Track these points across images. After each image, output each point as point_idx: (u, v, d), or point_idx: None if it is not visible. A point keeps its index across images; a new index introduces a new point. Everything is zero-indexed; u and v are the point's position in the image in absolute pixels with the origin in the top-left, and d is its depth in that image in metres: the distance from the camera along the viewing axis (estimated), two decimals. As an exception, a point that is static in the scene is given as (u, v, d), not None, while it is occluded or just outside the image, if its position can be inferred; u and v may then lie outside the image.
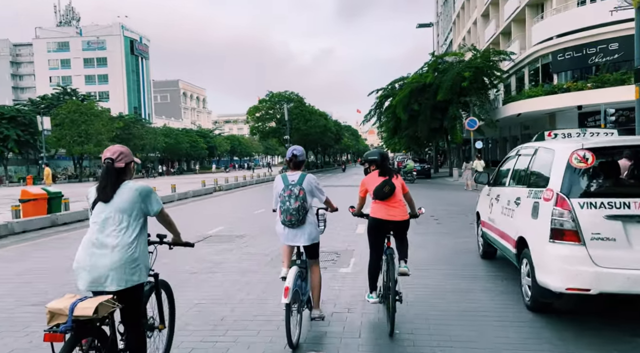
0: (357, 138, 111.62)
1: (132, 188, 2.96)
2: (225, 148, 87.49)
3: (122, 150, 3.04)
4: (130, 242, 2.88)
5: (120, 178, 2.98)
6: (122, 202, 2.91)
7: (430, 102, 30.37)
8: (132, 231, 2.90)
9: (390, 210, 4.56)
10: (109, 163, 2.95)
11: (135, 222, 2.94)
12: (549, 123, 29.08)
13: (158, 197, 3.12)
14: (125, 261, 2.83)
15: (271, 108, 47.80)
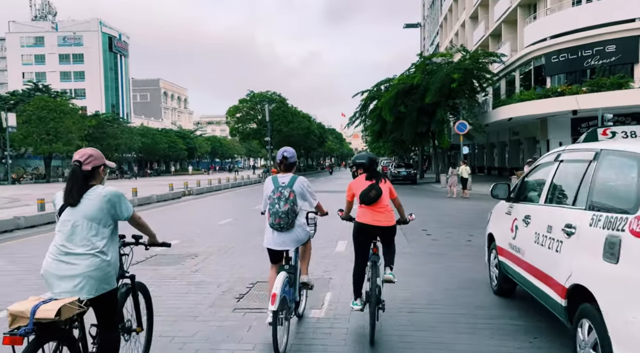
0: (341, 141, 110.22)
1: (101, 195, 2.88)
2: (206, 149, 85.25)
3: (91, 153, 2.97)
4: (100, 249, 2.83)
5: (88, 182, 2.91)
6: (90, 209, 2.84)
7: (417, 104, 28.96)
8: (101, 238, 2.86)
9: (376, 215, 4.42)
10: (76, 166, 2.90)
11: (105, 229, 2.89)
12: (540, 129, 27.88)
13: (128, 202, 3.02)
14: (95, 269, 2.79)
15: (252, 108, 45.93)
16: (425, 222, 11.80)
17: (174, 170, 73.82)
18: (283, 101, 46.55)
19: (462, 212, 14.26)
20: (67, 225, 2.81)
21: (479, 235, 9.51)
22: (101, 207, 2.84)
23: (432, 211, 14.42)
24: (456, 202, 18.05)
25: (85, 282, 2.73)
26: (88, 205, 2.83)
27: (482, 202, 17.18)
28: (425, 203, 17.57)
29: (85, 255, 2.76)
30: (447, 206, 16.22)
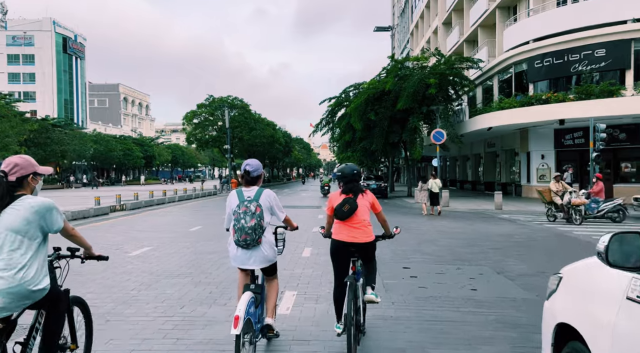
0: (309, 152, 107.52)
1: (29, 206, 2.72)
2: (166, 158, 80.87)
3: (17, 162, 2.82)
4: (24, 264, 2.67)
5: (13, 193, 2.76)
6: (14, 221, 2.68)
7: (388, 112, 26.52)
8: (25, 251, 2.69)
9: (351, 231, 4.11)
10: (0, 176, 2.77)
11: (31, 242, 2.72)
12: (520, 140, 25.83)
13: (59, 213, 2.88)
14: (17, 285, 2.62)
15: (212, 114, 42.58)
16: (405, 252, 9.05)
17: (125, 179, 68.94)
18: (245, 107, 43.41)
19: (444, 236, 11.63)
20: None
21: (482, 280, 6.81)
22: (28, 219, 2.70)
23: (409, 235, 11.71)
24: (432, 221, 15.46)
25: (5, 300, 2.60)
26: (13, 216, 2.68)
27: (462, 222, 14.63)
28: (400, 222, 14.85)
29: (5, 270, 2.62)
30: (425, 227, 13.57)
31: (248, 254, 3.85)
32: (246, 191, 3.97)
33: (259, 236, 3.80)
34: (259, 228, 3.80)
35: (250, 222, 3.77)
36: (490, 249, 9.63)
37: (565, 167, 22.35)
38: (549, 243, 10.53)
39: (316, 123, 31.00)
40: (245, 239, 3.77)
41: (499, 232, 12.44)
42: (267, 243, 3.91)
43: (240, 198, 3.91)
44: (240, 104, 43.25)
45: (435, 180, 19.14)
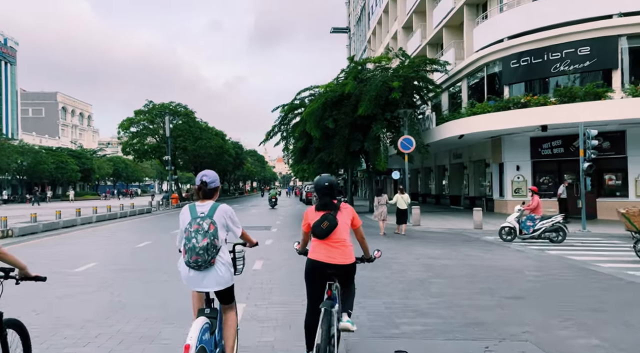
0: (263, 164, 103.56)
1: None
2: (107, 171, 74.78)
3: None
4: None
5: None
6: None
7: (348, 118, 23.57)
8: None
9: (330, 251, 3.73)
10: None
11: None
12: (492, 150, 23.46)
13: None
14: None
15: (151, 122, 38.25)
16: (391, 312, 5.85)
17: (51, 196, 62.34)
18: (190, 114, 39.37)
19: (433, 273, 8.59)
20: None
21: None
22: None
23: (387, 271, 8.55)
24: (406, 246, 12.43)
25: None
26: None
27: (444, 248, 11.65)
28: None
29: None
30: (402, 257, 10.47)
31: (201, 275, 3.46)
32: (200, 206, 3.58)
33: (212, 257, 3.43)
34: (212, 248, 3.42)
35: (202, 242, 3.38)
36: (508, 299, 6.59)
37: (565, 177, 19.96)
38: (580, 285, 7.60)
39: (267, 131, 27.62)
40: (197, 260, 3.39)
41: (500, 264, 9.48)
42: (221, 264, 3.51)
43: (192, 215, 3.51)
44: (183, 111, 39.17)
45: (403, 195, 16.29)
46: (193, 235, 3.40)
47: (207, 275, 3.45)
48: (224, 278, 3.50)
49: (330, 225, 3.71)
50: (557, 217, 12.64)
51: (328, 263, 3.70)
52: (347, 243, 3.79)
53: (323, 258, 3.72)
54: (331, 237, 3.73)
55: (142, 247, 12.55)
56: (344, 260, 3.73)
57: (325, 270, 3.72)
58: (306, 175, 60.08)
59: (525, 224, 12.75)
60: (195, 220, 3.45)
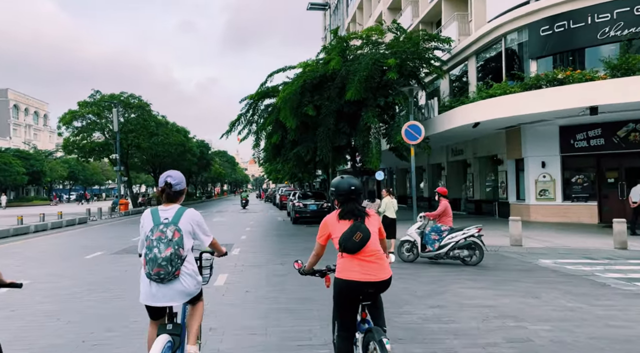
0: (233, 166, 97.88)
1: None
2: (61, 174, 68.08)
3: None
4: None
5: None
6: None
7: (333, 104, 18.99)
8: None
9: (367, 267, 3.16)
10: None
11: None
12: (507, 143, 19.25)
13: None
14: None
15: (98, 114, 32.73)
16: None
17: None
18: (144, 106, 33.96)
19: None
20: None
21: None
22: None
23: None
24: (407, 271, 7.97)
25: None
26: None
27: (485, 284, 7.12)
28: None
29: None
30: (421, 301, 5.91)
31: (163, 289, 3.10)
32: (163, 211, 3.22)
33: (176, 268, 3.07)
34: (177, 258, 3.07)
35: (165, 252, 3.03)
36: None
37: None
38: None
39: (231, 121, 22.65)
40: (159, 273, 3.03)
41: (624, 333, 5.01)
42: (186, 275, 3.17)
43: (155, 220, 3.16)
44: (137, 103, 33.75)
45: (392, 199, 11.89)
46: (155, 245, 3.05)
47: (170, 288, 3.10)
48: (188, 290, 3.17)
49: (365, 237, 3.16)
50: (472, 228, 9.46)
51: (367, 282, 3.14)
52: (382, 255, 3.27)
53: (359, 276, 3.13)
54: (364, 250, 3.17)
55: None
56: (383, 274, 3.20)
57: (364, 290, 3.16)
58: (280, 176, 55.14)
59: (429, 238, 9.79)
60: (157, 227, 3.11)
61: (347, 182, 3.33)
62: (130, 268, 9.24)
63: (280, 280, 8.16)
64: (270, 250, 12.17)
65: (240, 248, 12.38)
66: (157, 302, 3.13)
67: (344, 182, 3.34)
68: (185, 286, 3.13)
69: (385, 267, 3.24)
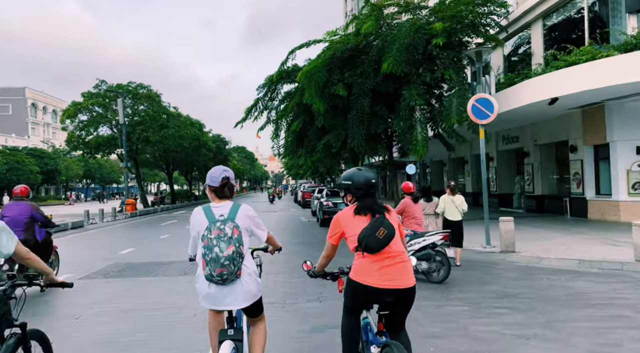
0: (252, 162, 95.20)
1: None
2: (76, 172, 66.35)
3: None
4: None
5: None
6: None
7: (368, 82, 15.67)
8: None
9: (388, 271, 2.76)
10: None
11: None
12: (584, 125, 15.62)
13: (10, 235, 2.57)
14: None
15: (104, 106, 30.00)
16: None
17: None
18: (154, 97, 31.10)
19: None
20: None
21: None
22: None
23: None
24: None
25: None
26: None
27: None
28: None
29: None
30: None
31: (225, 290, 2.95)
32: (217, 207, 3.05)
33: (238, 268, 2.91)
34: (238, 257, 2.90)
35: (227, 250, 2.87)
36: None
37: None
38: None
39: (247, 107, 19.48)
40: (222, 273, 2.87)
41: None
42: (247, 275, 3.01)
43: (209, 218, 3.00)
44: (145, 93, 30.90)
45: (454, 197, 9.22)
46: (215, 243, 2.88)
47: (232, 289, 2.95)
48: (251, 291, 3.03)
49: (389, 233, 2.78)
50: (435, 235, 7.52)
51: (386, 289, 2.73)
52: (406, 257, 2.89)
53: (377, 282, 2.75)
54: (387, 250, 2.80)
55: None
56: (407, 281, 2.79)
57: (381, 298, 2.77)
58: (301, 171, 51.82)
59: None
60: (214, 225, 2.94)
61: (364, 175, 3.02)
62: (84, 313, 6.10)
63: (324, 339, 4.85)
64: (296, 270, 8.94)
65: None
66: (220, 305, 2.98)
67: (361, 174, 3.03)
68: (248, 287, 2.99)
69: (409, 272, 2.83)
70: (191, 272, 8.85)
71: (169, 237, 15.17)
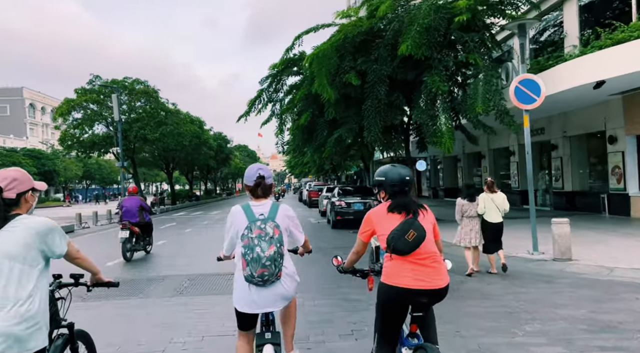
0: (255, 161, 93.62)
1: (27, 227, 2.28)
2: (75, 173, 64.92)
3: (15, 176, 2.38)
4: (25, 297, 2.20)
5: (8, 213, 2.30)
6: (11, 246, 2.23)
7: (384, 69, 14.09)
8: (26, 282, 2.23)
9: (421, 272, 2.67)
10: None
11: (32, 269, 2.26)
12: (625, 113, 14.07)
13: (63, 234, 2.43)
14: (17, 325, 2.14)
15: (100, 103, 28.45)
16: None
17: None
18: (151, 93, 29.51)
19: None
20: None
21: None
22: (28, 242, 2.26)
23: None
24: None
25: (3, 343, 2.11)
26: (9, 240, 2.24)
27: None
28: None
29: (4, 305, 2.14)
30: None
31: (264, 293, 2.84)
32: (256, 206, 2.97)
33: (279, 269, 2.82)
34: (279, 257, 2.82)
35: (269, 250, 2.78)
36: None
37: None
38: None
39: (250, 100, 17.85)
40: (263, 274, 2.77)
41: None
42: (287, 276, 2.92)
43: (249, 217, 2.90)
44: (141, 89, 29.31)
45: (495, 195, 8.10)
46: (256, 243, 2.79)
47: (272, 291, 2.85)
48: (289, 293, 2.94)
49: (419, 236, 2.67)
50: None
51: (420, 290, 2.66)
52: (439, 258, 2.80)
53: (411, 283, 2.67)
54: (418, 252, 2.70)
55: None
56: (440, 281, 2.72)
57: (415, 299, 2.71)
58: (305, 170, 50.17)
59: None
60: (255, 224, 2.85)
61: (398, 172, 2.92)
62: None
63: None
64: (319, 287, 7.36)
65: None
66: (257, 309, 2.88)
67: (395, 171, 2.91)
68: (287, 289, 2.92)
69: (442, 272, 2.77)
70: (188, 291, 7.32)
71: (164, 244, 13.62)
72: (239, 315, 2.97)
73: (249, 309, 2.87)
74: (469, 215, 8.07)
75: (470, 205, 8.12)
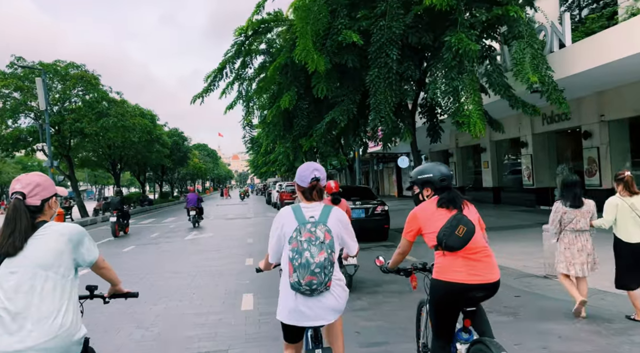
0: (215, 160, 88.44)
1: (58, 233, 2.09)
2: (12, 176, 58.11)
3: (38, 181, 2.17)
4: (59, 308, 2.01)
5: (35, 221, 2.10)
6: (42, 254, 2.03)
7: (394, 26, 10.32)
8: (60, 292, 2.04)
9: (473, 267, 2.63)
10: (18, 199, 2.07)
11: (64, 280, 2.07)
12: None
13: (93, 241, 2.26)
14: (53, 339, 1.95)
15: (24, 90, 23.37)
16: None
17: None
18: (90, 79, 24.57)
19: None
20: (9, 280, 1.97)
21: None
22: (59, 250, 2.08)
23: None
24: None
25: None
26: (41, 248, 2.04)
27: None
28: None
29: (39, 320, 1.96)
30: None
31: (312, 303, 2.54)
32: (307, 208, 2.68)
33: (329, 278, 2.52)
34: (330, 265, 2.52)
35: (319, 256, 2.48)
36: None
37: None
38: None
39: (207, 74, 13.54)
40: (310, 282, 2.47)
41: None
42: (338, 287, 2.64)
43: (299, 219, 2.61)
44: (77, 73, 24.36)
45: (635, 197, 4.92)
46: (305, 247, 2.49)
47: (321, 302, 2.54)
48: (339, 305, 2.64)
49: (469, 230, 2.64)
50: None
51: (475, 285, 2.61)
52: (489, 251, 2.74)
53: (465, 278, 2.62)
54: (469, 246, 2.66)
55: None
56: (492, 275, 2.66)
57: (470, 294, 2.65)
58: (272, 169, 45.82)
59: None
60: (305, 227, 2.56)
61: (438, 168, 2.88)
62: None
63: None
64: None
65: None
66: (305, 321, 2.58)
67: (437, 168, 2.89)
68: (338, 301, 2.61)
69: (494, 265, 2.71)
70: None
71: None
72: (284, 326, 2.68)
73: (295, 321, 2.57)
74: (576, 227, 5.15)
75: (576, 213, 5.21)
